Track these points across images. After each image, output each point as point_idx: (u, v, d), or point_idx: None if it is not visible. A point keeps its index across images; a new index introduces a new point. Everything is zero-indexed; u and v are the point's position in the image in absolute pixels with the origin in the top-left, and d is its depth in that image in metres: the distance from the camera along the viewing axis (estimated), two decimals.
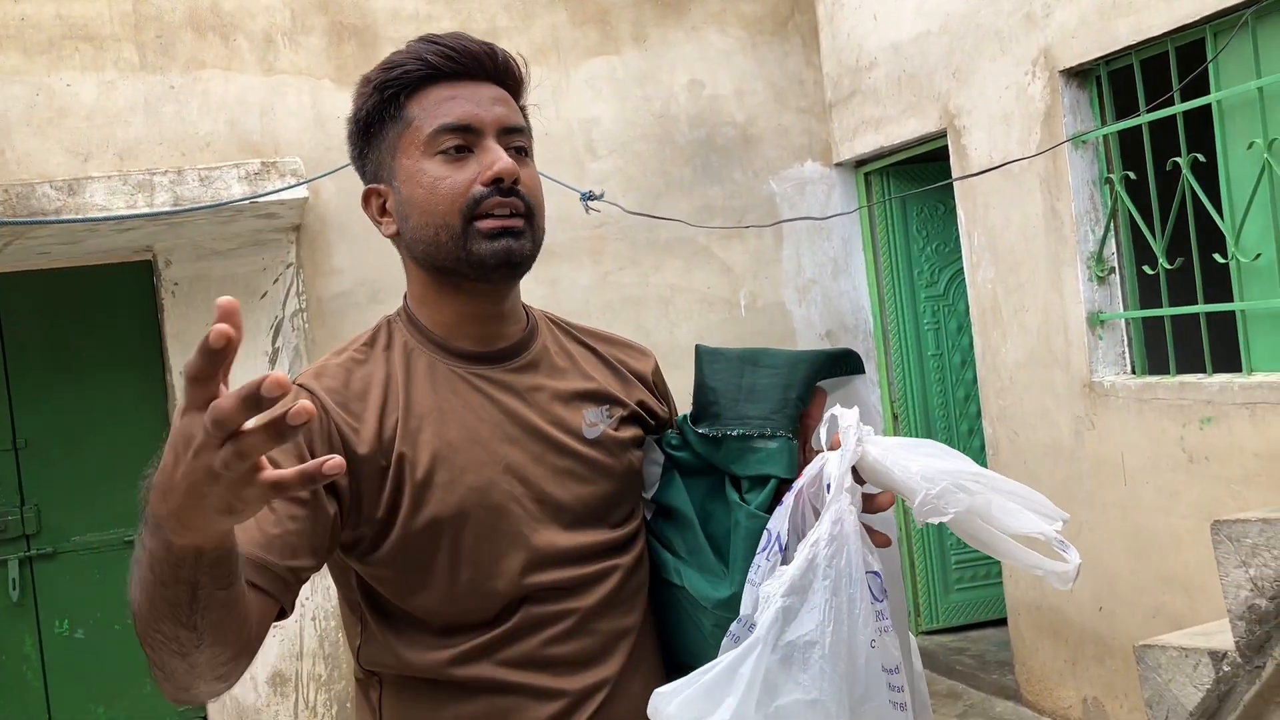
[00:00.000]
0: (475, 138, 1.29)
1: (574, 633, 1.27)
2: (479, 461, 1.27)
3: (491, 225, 1.27)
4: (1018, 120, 4.32)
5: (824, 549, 1.11)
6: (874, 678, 1.10)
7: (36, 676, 4.61)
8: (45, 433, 4.64)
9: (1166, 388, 3.78)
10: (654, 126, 5.30)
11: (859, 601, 1.09)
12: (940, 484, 1.11)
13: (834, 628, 1.09)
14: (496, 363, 1.34)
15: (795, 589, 1.10)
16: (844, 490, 1.13)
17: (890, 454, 1.15)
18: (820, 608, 1.09)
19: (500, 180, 1.27)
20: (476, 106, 1.30)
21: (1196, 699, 2.31)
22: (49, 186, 3.97)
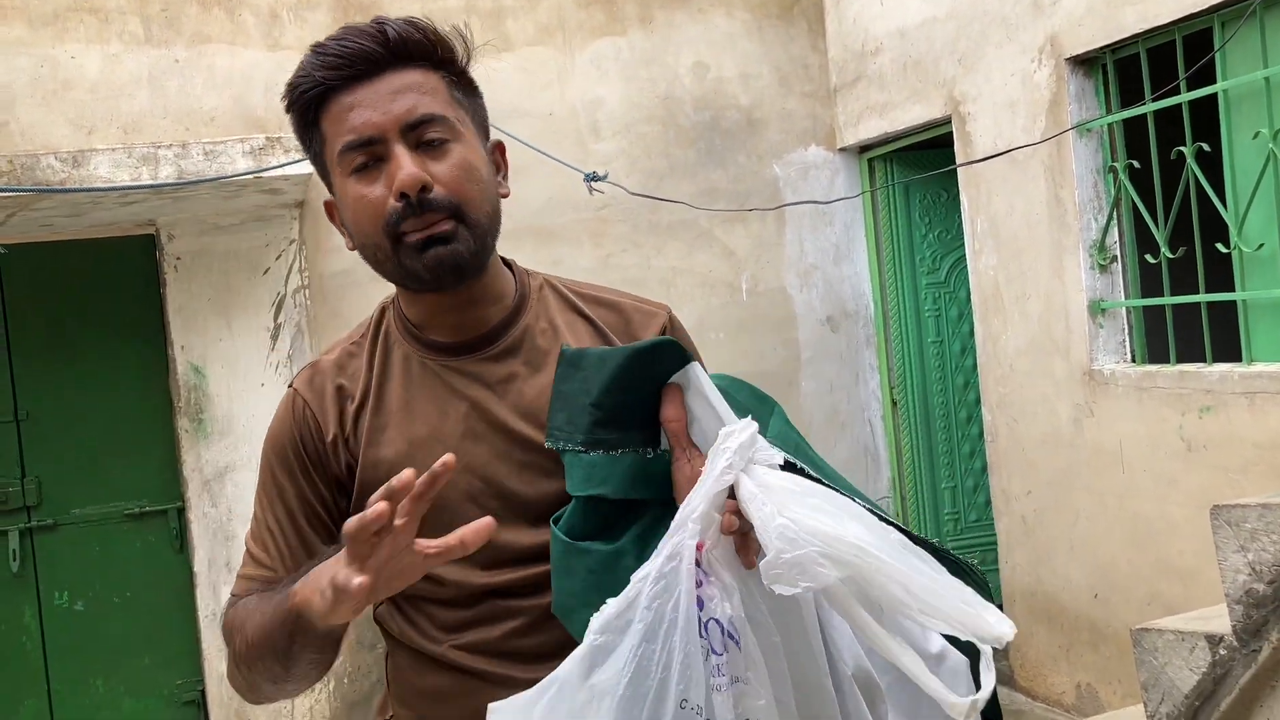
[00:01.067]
0: (381, 146, 1.23)
1: (534, 628, 1.26)
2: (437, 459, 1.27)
3: (417, 239, 1.23)
4: (1023, 108, 4.32)
5: (649, 587, 0.97)
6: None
7: (36, 647, 4.63)
8: (47, 405, 4.65)
9: (1166, 376, 3.80)
10: (658, 108, 5.29)
11: (678, 652, 0.95)
12: (803, 548, 0.92)
13: (633, 679, 0.95)
14: (471, 352, 1.32)
15: (609, 627, 0.99)
16: (690, 522, 0.98)
17: (763, 496, 0.97)
18: (624, 654, 0.96)
19: (406, 195, 1.21)
20: (373, 112, 1.22)
21: (1192, 682, 2.33)
22: (53, 158, 3.97)
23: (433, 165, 1.23)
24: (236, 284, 4.71)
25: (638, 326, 1.39)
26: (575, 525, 1.17)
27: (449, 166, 1.24)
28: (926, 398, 5.50)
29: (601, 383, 1.20)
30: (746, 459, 1.00)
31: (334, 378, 1.34)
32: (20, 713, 4.60)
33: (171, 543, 4.76)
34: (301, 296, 4.77)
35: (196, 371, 4.67)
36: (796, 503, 0.96)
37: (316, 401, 1.33)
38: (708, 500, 0.99)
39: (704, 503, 0.99)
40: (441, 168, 1.24)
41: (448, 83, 1.28)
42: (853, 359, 5.54)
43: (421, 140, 1.24)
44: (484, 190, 1.27)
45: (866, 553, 0.93)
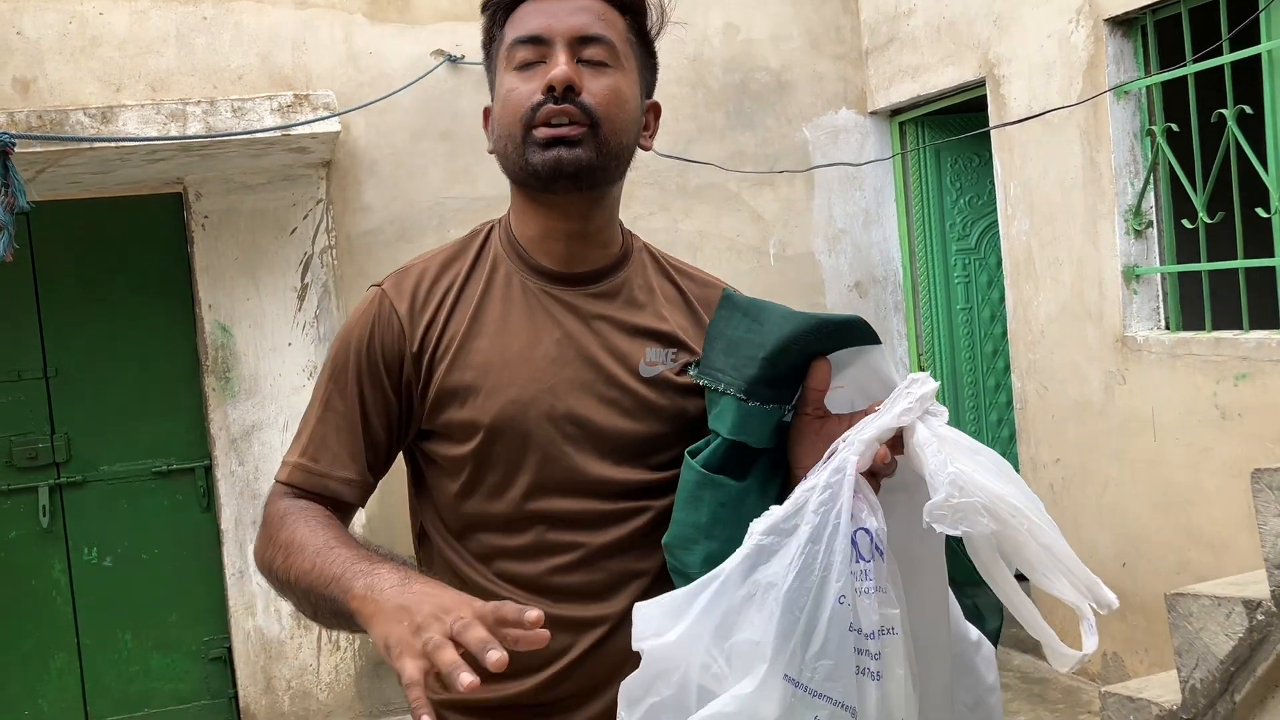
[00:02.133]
0: (546, 49, 1.29)
1: (580, 565, 1.27)
2: (525, 378, 1.29)
3: (545, 134, 1.27)
4: (1059, 70, 4.25)
5: (816, 495, 1.07)
6: (836, 635, 1.04)
7: (66, 602, 4.67)
8: (75, 362, 4.67)
9: (1201, 343, 3.75)
10: (687, 70, 5.24)
11: (837, 555, 1.05)
12: (969, 498, 1.03)
13: (799, 575, 1.05)
14: (573, 285, 1.35)
15: (776, 530, 1.08)
16: (857, 443, 1.09)
17: (938, 444, 1.07)
18: (792, 552, 1.06)
19: (553, 88, 1.26)
20: (550, 18, 1.29)
21: (1228, 648, 2.30)
22: (82, 114, 3.96)
23: (588, 79, 1.28)
24: (263, 243, 4.70)
25: (710, 302, 1.43)
26: (713, 461, 1.22)
27: (602, 85, 1.29)
28: (955, 365, 5.46)
29: (780, 340, 1.23)
30: (924, 409, 1.10)
31: (427, 284, 1.35)
32: (50, 666, 4.65)
33: (199, 500, 4.79)
34: (329, 256, 4.76)
35: (223, 330, 4.68)
36: (966, 457, 1.06)
37: (405, 306, 1.34)
38: (879, 431, 1.09)
39: (875, 432, 1.09)
40: (595, 83, 1.29)
41: (628, 25, 1.33)
42: (881, 326, 5.49)
43: (584, 56, 1.29)
44: (627, 120, 1.31)
45: (1022, 513, 1.04)
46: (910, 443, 1.09)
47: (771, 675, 1.03)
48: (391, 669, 1.05)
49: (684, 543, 1.22)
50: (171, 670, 4.78)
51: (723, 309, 1.31)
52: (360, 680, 4.80)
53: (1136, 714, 2.54)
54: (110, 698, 4.71)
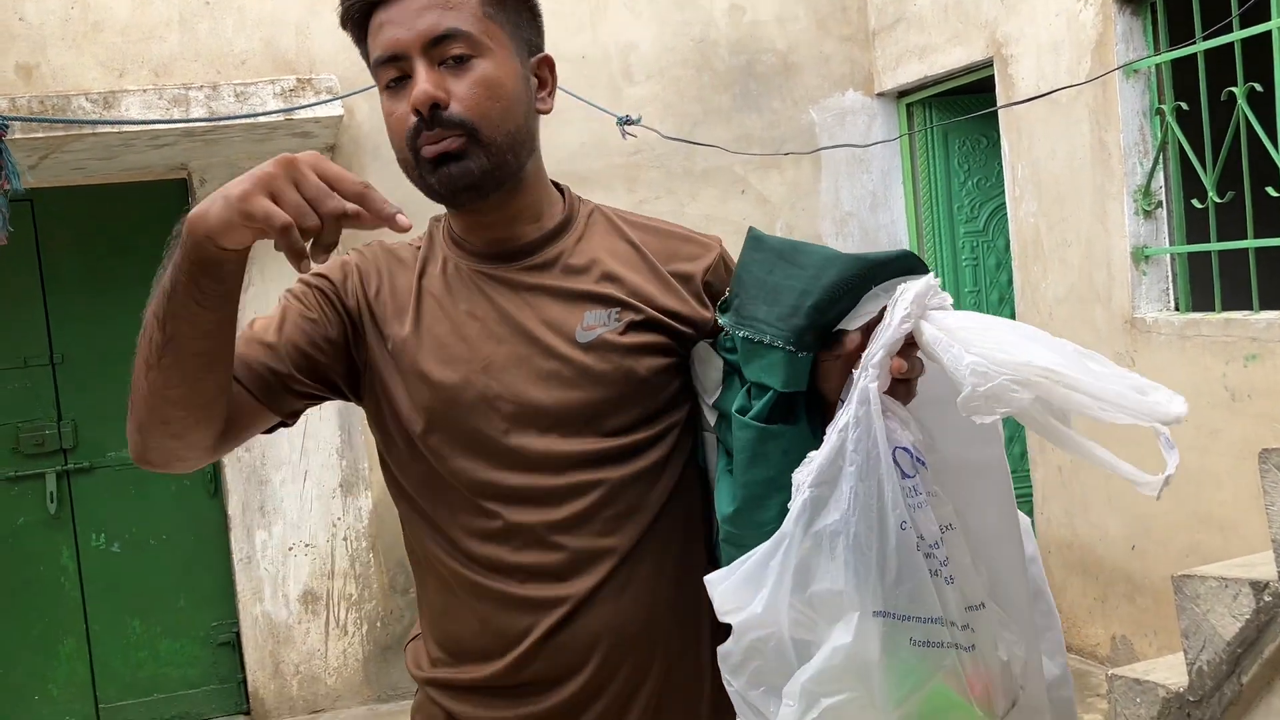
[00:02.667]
0: (406, 63, 1.25)
1: (537, 544, 1.25)
2: (458, 358, 1.29)
3: (430, 154, 1.25)
4: (1067, 49, 4.21)
5: (851, 433, 1.06)
6: (908, 559, 1.05)
7: (74, 588, 4.69)
8: (81, 349, 4.67)
9: (1211, 324, 3.71)
10: (693, 52, 5.20)
11: (886, 483, 1.05)
12: (995, 380, 1.00)
13: (860, 515, 1.05)
14: (507, 261, 1.33)
15: (823, 478, 1.07)
16: (870, 368, 1.07)
17: (949, 335, 1.04)
18: (846, 496, 1.06)
19: (420, 112, 1.23)
20: (400, 29, 1.24)
21: (1235, 629, 2.28)
22: (84, 99, 3.95)
23: (452, 82, 1.24)
24: None
25: (677, 255, 1.38)
26: (763, 414, 1.19)
27: (468, 84, 1.24)
28: None
29: (829, 286, 1.16)
30: (924, 307, 1.06)
31: (386, 261, 1.37)
32: (59, 651, 4.67)
33: (205, 486, 4.79)
34: None
35: None
36: (979, 339, 1.02)
37: (368, 266, 1.35)
38: (886, 347, 1.07)
39: (883, 350, 1.07)
40: (460, 85, 1.24)
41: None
42: None
43: (444, 57, 1.24)
44: (507, 107, 1.26)
45: (1052, 372, 1.00)
46: (922, 346, 1.07)
47: (863, 619, 1.05)
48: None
49: (756, 502, 1.19)
50: (180, 655, 4.79)
51: (753, 250, 1.25)
52: (368, 665, 4.81)
53: (1143, 696, 2.52)
54: (119, 682, 4.73)
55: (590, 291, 1.31)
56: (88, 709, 4.70)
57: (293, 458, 4.70)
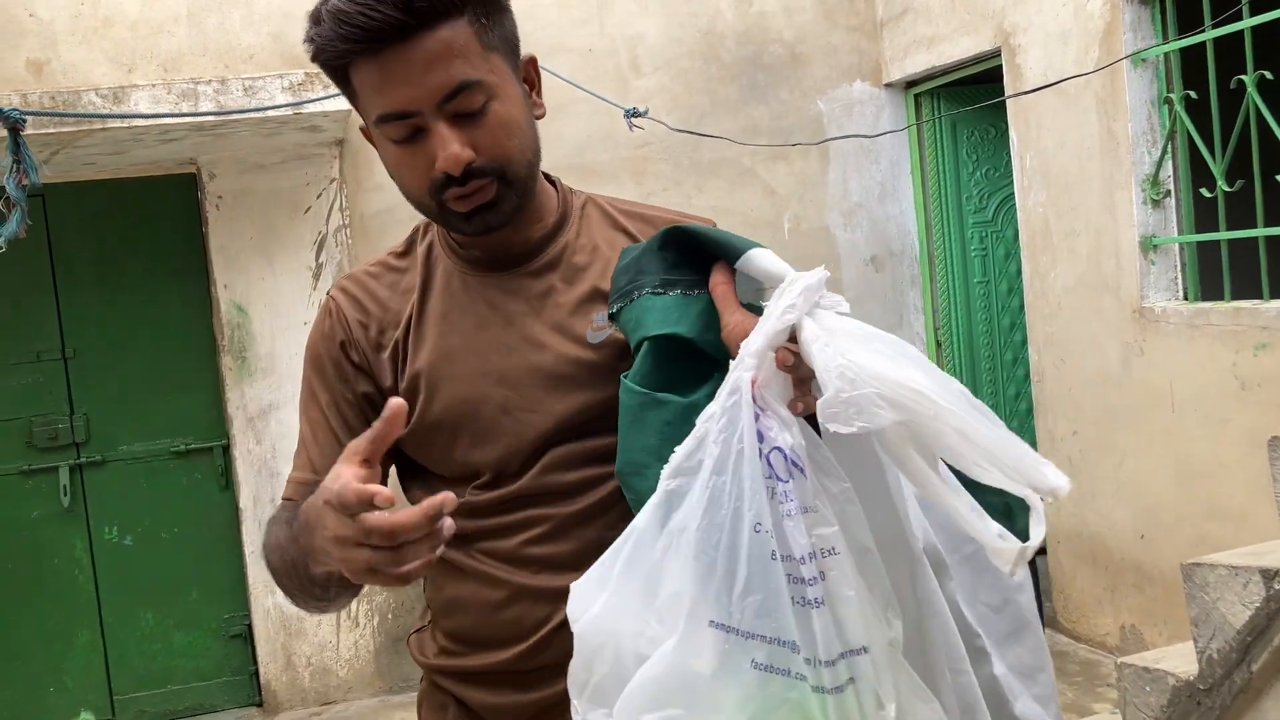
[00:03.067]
0: (418, 119, 1.19)
1: (552, 536, 1.28)
2: (471, 373, 1.29)
3: (464, 208, 1.23)
4: (1075, 38, 4.20)
5: (715, 424, 0.98)
6: (760, 568, 0.93)
7: (88, 580, 4.72)
8: (93, 343, 4.70)
9: (1220, 313, 3.71)
10: (700, 43, 5.20)
11: (746, 481, 0.94)
12: (861, 389, 0.90)
13: (706, 511, 0.95)
14: (510, 267, 1.33)
15: (681, 470, 0.99)
16: (747, 357, 0.98)
17: (825, 338, 0.95)
18: (699, 489, 0.96)
19: (450, 174, 1.20)
20: (406, 86, 1.17)
21: (1245, 618, 2.29)
22: (94, 94, 3.97)
23: (474, 134, 1.20)
24: (278, 223, 4.71)
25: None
26: (648, 376, 1.14)
27: (489, 132, 1.20)
28: (972, 339, 5.43)
29: (660, 238, 1.21)
30: (811, 302, 0.98)
31: (372, 287, 1.36)
32: (74, 643, 4.71)
33: (217, 479, 4.82)
34: (343, 235, 4.76)
35: (239, 310, 4.70)
36: (859, 346, 0.94)
37: (353, 311, 1.35)
38: (767, 338, 0.98)
39: (763, 340, 0.98)
40: (483, 135, 1.20)
41: (477, 28, 1.19)
42: (897, 300, 5.47)
43: (460, 110, 1.19)
44: (524, 140, 1.25)
45: (926, 398, 0.90)
46: (800, 341, 0.97)
47: (694, 625, 0.94)
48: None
49: (636, 469, 1.13)
50: (193, 647, 4.82)
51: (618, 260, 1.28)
52: (380, 657, 4.84)
53: (1153, 685, 2.53)
54: (133, 674, 4.76)
55: (597, 290, 1.31)
56: (102, 700, 4.73)
57: None
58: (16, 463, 4.64)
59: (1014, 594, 1.12)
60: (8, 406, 4.63)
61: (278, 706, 4.75)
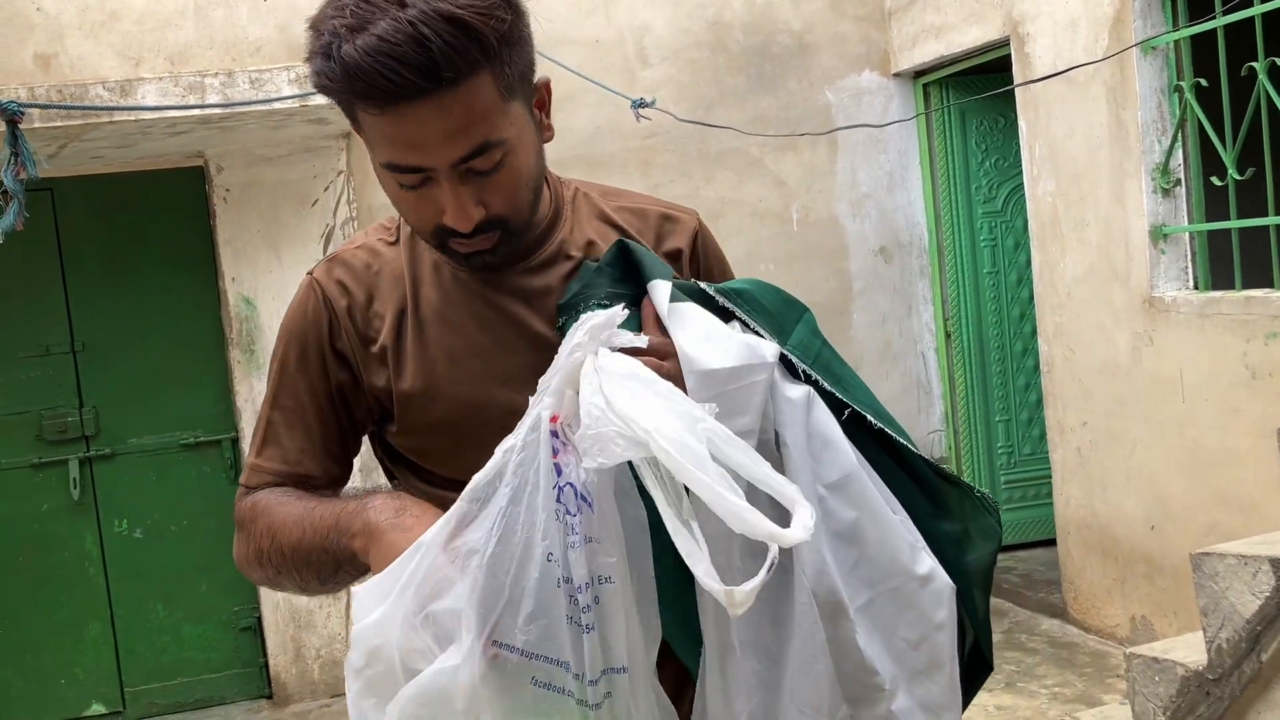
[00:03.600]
0: (428, 173, 1.15)
1: None
2: (477, 375, 1.26)
3: (466, 251, 1.22)
4: (1084, 26, 4.17)
5: (515, 456, 1.03)
6: (547, 595, 1.00)
7: (98, 573, 4.73)
8: (102, 336, 4.71)
9: (1231, 302, 3.69)
10: (707, 34, 5.19)
11: (541, 513, 1.00)
12: (603, 426, 0.97)
13: (500, 539, 1.01)
14: (507, 265, 1.29)
15: (477, 495, 1.03)
16: (546, 395, 1.04)
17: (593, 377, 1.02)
18: (493, 517, 1.02)
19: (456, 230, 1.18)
20: (424, 149, 1.12)
21: (1254, 607, 2.27)
22: (102, 88, 3.97)
23: (484, 191, 1.17)
24: (285, 216, 4.71)
25: (665, 234, 1.38)
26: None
27: (499, 188, 1.17)
28: (981, 330, 5.41)
29: (609, 254, 1.25)
30: (599, 341, 1.04)
31: (358, 271, 1.30)
32: (85, 635, 4.72)
33: (226, 472, 4.83)
34: (350, 228, 4.76)
35: (247, 303, 4.70)
36: (620, 387, 0.99)
37: (337, 295, 1.29)
38: (562, 376, 1.04)
39: (559, 378, 1.04)
40: (492, 192, 1.17)
41: (499, 78, 1.12)
42: (906, 290, 5.45)
43: (473, 169, 1.15)
44: (532, 185, 1.22)
45: (655, 442, 0.95)
46: (579, 376, 1.04)
47: (477, 643, 1.00)
48: None
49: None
50: (203, 640, 4.84)
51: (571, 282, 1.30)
52: None
53: (1162, 675, 2.52)
54: (144, 666, 4.78)
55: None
56: (113, 692, 4.75)
57: None
58: (26, 456, 4.66)
59: (932, 632, 1.16)
60: (17, 400, 4.65)
61: (288, 699, 4.77)
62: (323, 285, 1.30)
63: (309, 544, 1.19)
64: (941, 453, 5.49)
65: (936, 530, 1.21)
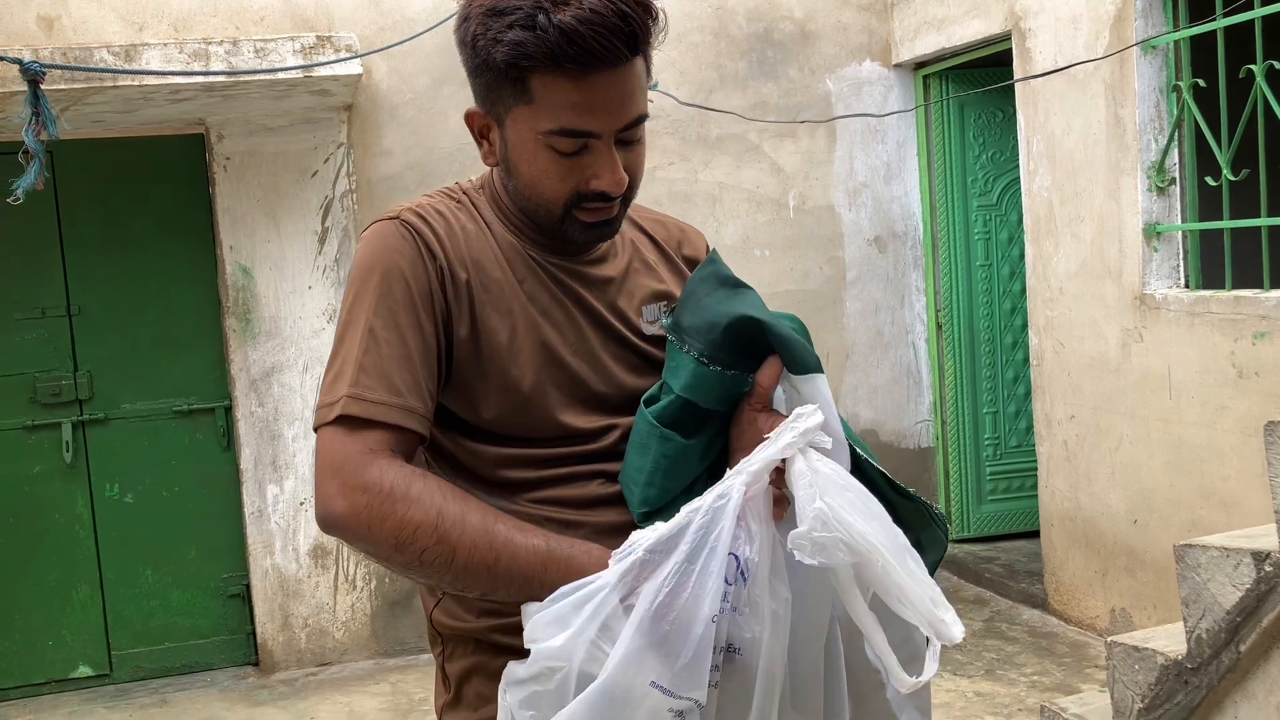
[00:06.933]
0: (594, 139, 1.26)
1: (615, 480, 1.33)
2: (551, 340, 1.32)
3: (591, 219, 1.31)
4: (1086, 23, 4.21)
5: (699, 517, 1.11)
6: (705, 649, 1.10)
7: (89, 536, 4.75)
8: (98, 301, 4.71)
9: (1220, 301, 3.74)
10: (710, 18, 5.20)
11: (711, 576, 1.10)
12: (832, 532, 1.09)
13: (673, 589, 1.09)
14: (569, 255, 1.38)
15: (660, 547, 1.11)
16: (746, 472, 1.13)
17: (811, 478, 1.12)
18: (669, 569, 1.10)
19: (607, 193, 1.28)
20: (605, 112, 1.24)
21: (1235, 598, 2.32)
22: (106, 52, 3.97)
23: (628, 160, 1.29)
24: (284, 186, 4.72)
25: (683, 242, 1.51)
26: (665, 415, 1.28)
27: (637, 160, 1.31)
28: (972, 322, 5.45)
29: (742, 316, 1.28)
30: (807, 441, 1.15)
31: (443, 231, 1.31)
32: (73, 598, 4.74)
33: (219, 440, 4.85)
34: (349, 200, 4.77)
35: (244, 272, 4.71)
36: (837, 492, 1.11)
37: (436, 245, 1.29)
38: (764, 462, 1.14)
39: (761, 463, 1.14)
40: (633, 162, 1.30)
41: (648, 61, 1.29)
42: (899, 280, 5.49)
43: (627, 139, 1.28)
44: (643, 174, 1.35)
45: (879, 551, 1.10)
46: (788, 474, 1.14)
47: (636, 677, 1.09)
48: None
49: (628, 483, 1.29)
50: (191, 606, 4.86)
51: (707, 268, 1.36)
52: (376, 620, 4.88)
53: (1141, 663, 2.57)
54: (131, 631, 4.80)
55: (646, 287, 1.41)
56: (100, 656, 4.78)
57: (305, 413, 4.76)
58: (19, 418, 4.67)
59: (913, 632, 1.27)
60: (12, 362, 4.65)
61: (274, 666, 4.80)
62: (414, 225, 1.29)
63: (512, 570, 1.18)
64: (929, 442, 5.54)
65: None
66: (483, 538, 1.17)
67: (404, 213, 1.32)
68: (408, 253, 1.27)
